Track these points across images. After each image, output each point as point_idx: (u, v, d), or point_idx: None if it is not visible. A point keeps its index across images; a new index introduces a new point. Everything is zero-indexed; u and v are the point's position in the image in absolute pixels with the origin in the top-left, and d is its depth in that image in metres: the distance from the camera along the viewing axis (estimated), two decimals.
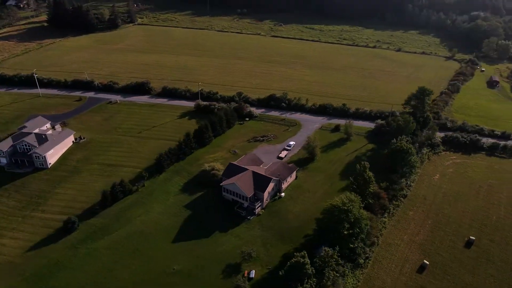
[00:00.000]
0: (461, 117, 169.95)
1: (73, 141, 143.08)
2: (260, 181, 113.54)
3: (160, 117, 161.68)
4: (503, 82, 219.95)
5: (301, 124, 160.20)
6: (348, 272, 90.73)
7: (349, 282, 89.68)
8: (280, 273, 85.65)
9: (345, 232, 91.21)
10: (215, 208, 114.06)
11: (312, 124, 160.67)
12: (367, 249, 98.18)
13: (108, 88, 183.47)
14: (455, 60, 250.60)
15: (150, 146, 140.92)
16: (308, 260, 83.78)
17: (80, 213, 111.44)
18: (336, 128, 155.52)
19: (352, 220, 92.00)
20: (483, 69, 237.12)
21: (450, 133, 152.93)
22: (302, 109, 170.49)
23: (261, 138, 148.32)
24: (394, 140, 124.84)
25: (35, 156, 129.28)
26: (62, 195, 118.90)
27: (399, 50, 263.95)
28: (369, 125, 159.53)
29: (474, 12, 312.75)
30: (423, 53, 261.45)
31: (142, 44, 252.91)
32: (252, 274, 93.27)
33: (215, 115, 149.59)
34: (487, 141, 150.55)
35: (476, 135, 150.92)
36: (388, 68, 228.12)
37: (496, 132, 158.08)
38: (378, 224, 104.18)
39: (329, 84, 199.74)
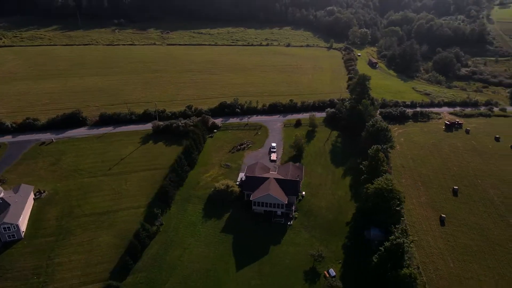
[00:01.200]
0: (378, 95, 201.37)
1: (34, 198, 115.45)
2: (287, 186, 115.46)
3: (120, 147, 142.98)
4: (379, 63, 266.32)
5: (264, 125, 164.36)
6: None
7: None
8: (375, 259, 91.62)
9: (397, 208, 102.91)
10: (252, 223, 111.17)
11: (274, 123, 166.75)
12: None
13: (28, 127, 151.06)
14: (334, 49, 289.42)
15: (135, 181, 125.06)
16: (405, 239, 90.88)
17: (108, 276, 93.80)
18: (298, 123, 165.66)
19: (398, 196, 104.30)
20: (359, 54, 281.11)
21: (383, 109, 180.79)
22: (255, 111, 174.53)
23: (241, 147, 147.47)
24: (371, 122, 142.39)
25: (3, 228, 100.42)
26: (68, 263, 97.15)
27: (288, 45, 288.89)
28: (319, 115, 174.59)
29: (329, 7, 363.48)
30: (307, 45, 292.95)
31: (25, 69, 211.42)
32: (332, 272, 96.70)
33: (193, 133, 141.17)
34: (407, 111, 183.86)
35: (401, 107, 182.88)
36: (293, 62, 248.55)
37: (407, 103, 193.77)
38: None
39: (258, 84, 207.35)
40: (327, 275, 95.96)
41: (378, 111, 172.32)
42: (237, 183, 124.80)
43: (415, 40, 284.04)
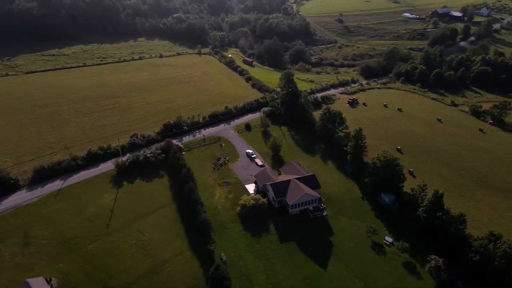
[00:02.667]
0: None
1: None
2: (308, 182, 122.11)
3: (94, 199, 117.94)
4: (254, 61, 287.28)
5: (220, 136, 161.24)
6: None
7: None
8: (422, 212, 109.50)
9: (402, 177, 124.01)
10: (298, 225, 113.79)
11: (226, 132, 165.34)
12: None
13: None
14: (204, 54, 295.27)
15: (150, 228, 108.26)
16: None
17: None
18: (248, 126, 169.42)
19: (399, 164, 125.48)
20: (229, 55, 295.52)
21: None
22: (200, 125, 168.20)
23: (219, 162, 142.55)
24: (324, 110, 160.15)
25: None
26: None
27: (161, 56, 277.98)
28: (253, 116, 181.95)
29: (174, 14, 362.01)
30: (178, 54, 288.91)
31: None
32: (389, 239, 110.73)
33: (179, 159, 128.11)
34: (318, 97, 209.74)
35: (314, 94, 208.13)
36: (183, 72, 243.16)
37: (308, 91, 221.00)
38: None
39: (174, 99, 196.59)
40: (387, 243, 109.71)
41: None
42: (255, 192, 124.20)
43: (261, 38, 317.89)
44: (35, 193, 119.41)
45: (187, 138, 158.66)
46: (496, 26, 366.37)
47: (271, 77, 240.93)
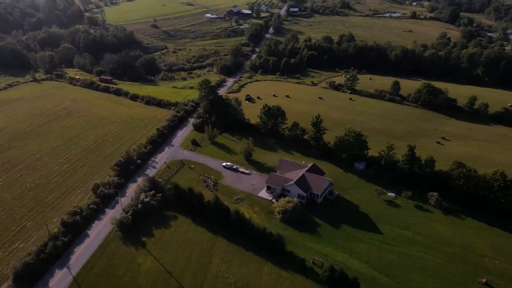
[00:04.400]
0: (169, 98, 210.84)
1: None
2: (315, 171, 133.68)
3: (131, 274, 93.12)
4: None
5: (179, 160, 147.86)
6: None
7: None
8: (403, 165, 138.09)
9: (367, 146, 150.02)
10: (330, 211, 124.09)
11: (180, 153, 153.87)
12: None
13: None
14: (44, 80, 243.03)
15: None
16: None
17: None
18: (195, 142, 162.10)
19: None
20: (77, 76, 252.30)
21: None
22: (147, 155, 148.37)
23: (210, 181, 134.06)
24: (265, 108, 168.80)
25: None
26: None
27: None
28: (184, 132, 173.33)
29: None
30: (10, 86, 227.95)
31: None
32: (392, 194, 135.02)
33: (192, 192, 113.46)
34: None
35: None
36: (47, 105, 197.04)
37: None
38: None
39: (82, 135, 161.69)
40: (392, 197, 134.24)
41: None
42: (273, 197, 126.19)
43: (86, 52, 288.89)
44: None
45: (150, 171, 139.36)
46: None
47: (149, 91, 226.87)
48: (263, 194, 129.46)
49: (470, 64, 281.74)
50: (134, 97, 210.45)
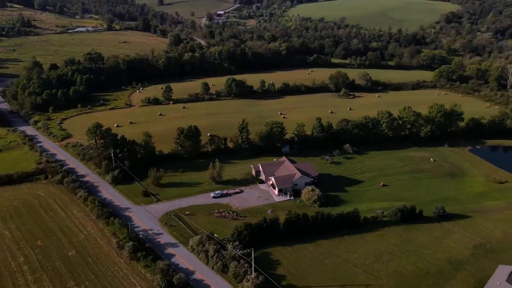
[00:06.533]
0: None
1: None
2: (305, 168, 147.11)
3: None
4: None
5: (166, 212, 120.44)
6: None
7: None
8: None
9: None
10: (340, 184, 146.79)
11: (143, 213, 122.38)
12: None
13: None
14: None
15: None
16: None
17: None
18: (146, 193, 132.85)
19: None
20: None
21: None
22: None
23: (224, 214, 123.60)
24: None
25: None
26: None
27: None
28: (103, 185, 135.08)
29: None
30: None
31: None
32: (329, 157, 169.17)
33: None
34: None
35: None
36: None
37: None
38: None
39: None
40: (329, 159, 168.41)
41: None
42: (289, 195, 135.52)
43: None
44: None
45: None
46: None
47: None
48: (280, 198, 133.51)
49: (221, 59, 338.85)
50: None
